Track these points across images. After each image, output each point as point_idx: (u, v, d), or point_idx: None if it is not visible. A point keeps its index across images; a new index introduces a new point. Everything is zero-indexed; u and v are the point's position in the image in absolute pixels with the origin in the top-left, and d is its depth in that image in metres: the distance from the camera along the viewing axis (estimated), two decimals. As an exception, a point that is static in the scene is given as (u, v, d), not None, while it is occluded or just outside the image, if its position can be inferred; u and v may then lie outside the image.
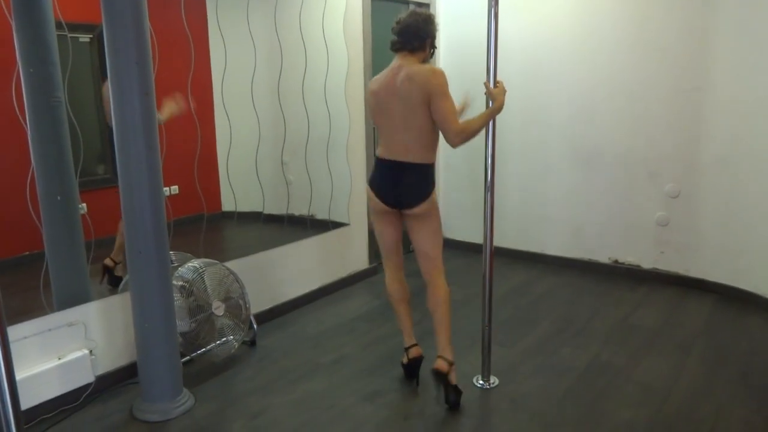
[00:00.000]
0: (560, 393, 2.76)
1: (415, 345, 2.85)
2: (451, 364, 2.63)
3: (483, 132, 2.60)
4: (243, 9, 3.41)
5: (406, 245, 2.76)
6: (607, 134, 4.24)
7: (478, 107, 2.65)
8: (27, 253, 2.78)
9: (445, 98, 2.44)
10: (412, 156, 2.54)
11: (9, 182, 2.63)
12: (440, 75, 2.46)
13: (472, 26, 4.56)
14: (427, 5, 4.67)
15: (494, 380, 2.85)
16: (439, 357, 2.65)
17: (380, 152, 2.63)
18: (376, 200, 2.64)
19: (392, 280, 2.83)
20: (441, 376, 2.64)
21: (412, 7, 4.64)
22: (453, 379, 2.64)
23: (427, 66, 2.53)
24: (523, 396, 2.73)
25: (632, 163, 4.18)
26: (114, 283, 2.99)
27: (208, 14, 3.27)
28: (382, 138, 2.64)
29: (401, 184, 2.57)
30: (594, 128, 4.29)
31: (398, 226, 2.72)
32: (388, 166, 2.59)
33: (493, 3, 2.53)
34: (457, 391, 2.63)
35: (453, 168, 5.03)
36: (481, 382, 2.85)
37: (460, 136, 2.44)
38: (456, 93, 2.53)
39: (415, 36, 2.54)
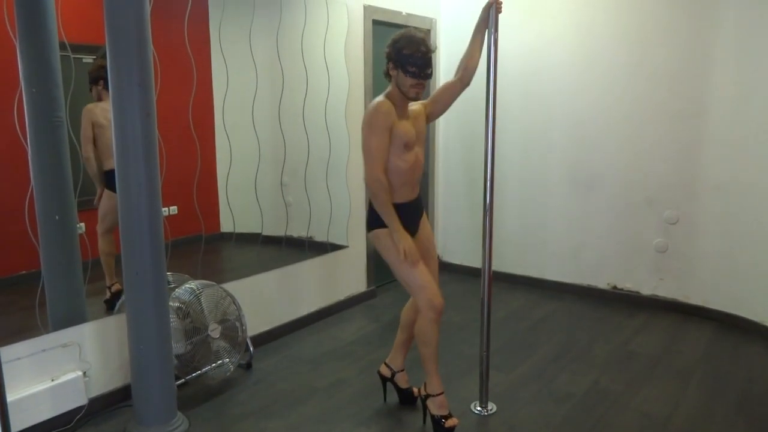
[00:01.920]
0: (558, 420, 2.73)
1: (385, 364, 2.91)
2: (428, 395, 2.65)
3: (482, 154, 2.61)
4: (245, 31, 3.44)
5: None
6: (607, 160, 4.26)
7: (476, 122, 2.66)
8: (24, 272, 2.77)
9: (364, 134, 2.45)
10: None
11: (8, 201, 2.63)
12: (369, 110, 2.46)
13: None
14: (428, 30, 4.72)
15: (492, 407, 2.82)
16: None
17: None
18: None
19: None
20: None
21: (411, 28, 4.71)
22: (431, 409, 2.65)
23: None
24: (521, 422, 2.70)
25: (631, 188, 4.19)
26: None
27: (210, 36, 3.30)
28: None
29: None
30: (593, 154, 4.31)
31: None
32: None
33: (492, 30, 2.56)
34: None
35: (452, 191, 5.04)
36: (479, 408, 2.81)
37: (369, 184, 2.46)
38: (455, 116, 2.53)
39: None
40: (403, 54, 2.44)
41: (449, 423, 2.59)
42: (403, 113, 2.53)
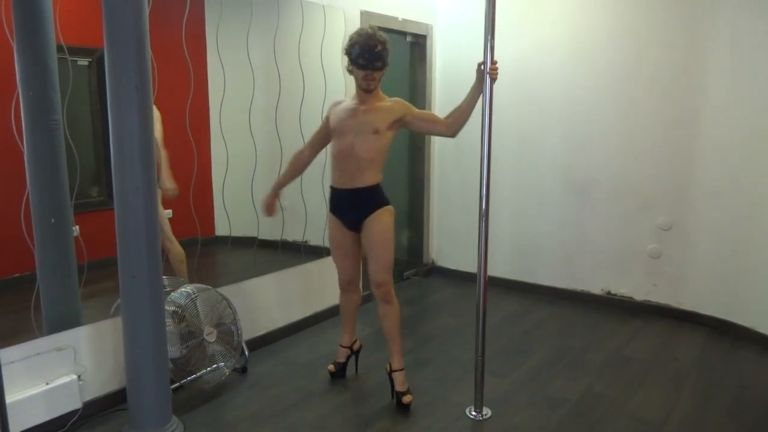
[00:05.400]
0: (553, 425, 2.74)
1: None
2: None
3: (476, 159, 2.62)
4: (243, 36, 3.45)
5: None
6: (600, 165, 4.29)
7: (470, 126, 2.68)
8: (18, 275, 2.75)
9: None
10: None
11: (3, 203, 2.62)
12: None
13: (468, 54, 4.61)
14: (424, 36, 4.75)
15: (487, 412, 2.83)
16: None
17: None
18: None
19: None
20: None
21: (409, 38, 4.74)
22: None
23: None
24: (516, 428, 2.71)
25: (625, 194, 4.22)
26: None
27: (207, 40, 3.31)
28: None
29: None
30: (587, 159, 4.34)
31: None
32: None
33: (489, 37, 2.58)
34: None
35: (446, 196, 5.06)
36: (474, 413, 2.82)
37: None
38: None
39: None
40: (354, 49, 2.72)
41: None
42: (362, 102, 2.82)
